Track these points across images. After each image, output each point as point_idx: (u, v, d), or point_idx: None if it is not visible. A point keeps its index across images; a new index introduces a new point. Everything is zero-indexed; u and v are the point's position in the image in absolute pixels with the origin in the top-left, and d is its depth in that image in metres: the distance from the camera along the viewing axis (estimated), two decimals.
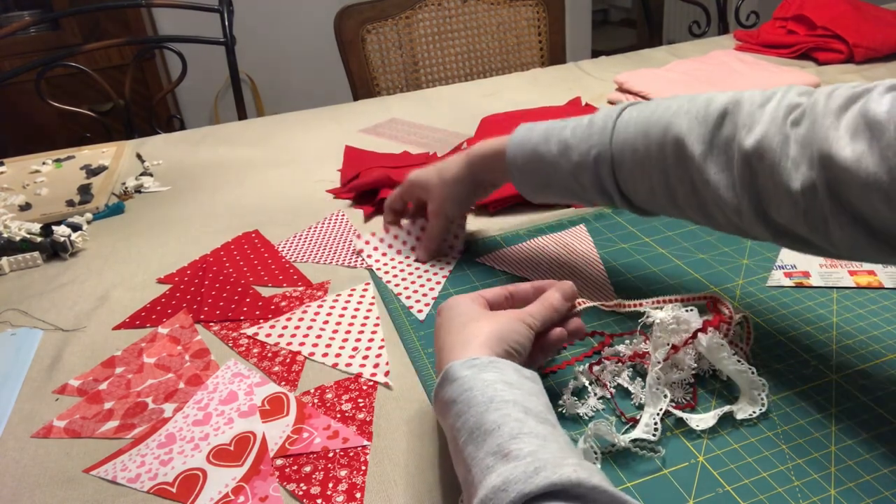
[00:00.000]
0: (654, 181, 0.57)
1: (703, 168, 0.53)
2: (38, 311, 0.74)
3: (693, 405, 0.54)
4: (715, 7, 1.77)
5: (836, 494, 0.46)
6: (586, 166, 0.61)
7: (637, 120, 0.58)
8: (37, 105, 1.46)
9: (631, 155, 0.58)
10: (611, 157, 0.59)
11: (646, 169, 0.57)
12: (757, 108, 0.51)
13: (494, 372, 0.46)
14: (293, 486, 0.50)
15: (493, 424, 0.41)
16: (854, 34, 1.28)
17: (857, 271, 0.68)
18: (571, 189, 0.64)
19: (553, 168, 0.63)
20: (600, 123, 0.61)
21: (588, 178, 0.61)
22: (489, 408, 0.43)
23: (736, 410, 0.53)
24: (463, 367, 0.46)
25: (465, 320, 0.52)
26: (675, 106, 0.56)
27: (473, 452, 0.41)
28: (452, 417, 0.44)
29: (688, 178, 0.55)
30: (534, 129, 0.65)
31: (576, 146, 0.61)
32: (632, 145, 0.58)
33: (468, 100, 1.29)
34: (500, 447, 0.40)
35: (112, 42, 1.45)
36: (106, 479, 0.52)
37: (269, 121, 1.28)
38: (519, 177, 0.67)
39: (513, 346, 0.50)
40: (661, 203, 0.59)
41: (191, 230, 0.89)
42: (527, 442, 0.40)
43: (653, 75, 1.22)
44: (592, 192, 0.62)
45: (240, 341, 0.67)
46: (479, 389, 0.44)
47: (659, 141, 0.56)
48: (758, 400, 0.53)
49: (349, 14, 1.46)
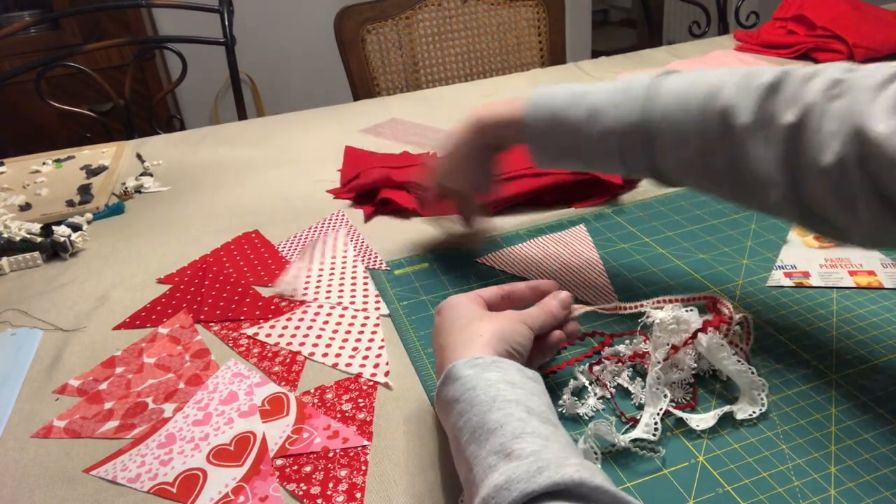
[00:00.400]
0: (691, 152, 0.56)
1: (747, 140, 0.52)
2: (38, 311, 0.74)
3: (693, 405, 0.54)
4: (715, 7, 1.77)
5: (836, 494, 0.46)
6: (618, 133, 0.59)
7: (677, 89, 0.57)
8: (37, 105, 1.46)
9: (669, 124, 0.56)
10: (646, 126, 0.58)
11: (684, 139, 0.56)
12: (801, 84, 0.51)
13: (497, 371, 0.46)
14: (293, 486, 0.50)
15: (495, 424, 0.41)
16: (854, 34, 1.28)
17: (857, 271, 0.68)
18: (593, 156, 0.62)
19: (577, 133, 0.61)
20: (636, 90, 0.59)
21: (617, 145, 0.59)
22: (492, 407, 0.42)
23: (736, 410, 0.53)
24: (466, 366, 0.46)
25: (465, 320, 0.52)
26: (718, 76, 0.55)
27: (475, 451, 0.41)
28: (455, 416, 0.44)
29: (727, 151, 0.54)
30: (556, 93, 0.63)
31: (607, 112, 0.59)
32: (671, 114, 0.56)
33: (468, 100, 1.29)
34: (502, 446, 0.40)
35: (112, 42, 1.45)
36: (106, 479, 0.52)
37: (269, 121, 1.28)
38: (536, 142, 0.64)
39: (514, 347, 0.50)
40: (693, 175, 0.58)
41: (191, 230, 0.89)
42: (529, 441, 0.40)
43: None
44: (617, 160, 0.61)
45: (240, 341, 0.67)
46: (482, 389, 0.44)
47: (701, 110, 0.55)
48: (758, 400, 0.53)
49: (349, 14, 1.46)
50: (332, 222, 0.88)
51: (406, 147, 1.08)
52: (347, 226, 0.86)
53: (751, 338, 0.58)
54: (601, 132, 0.59)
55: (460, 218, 0.78)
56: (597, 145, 0.60)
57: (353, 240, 0.83)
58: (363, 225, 0.87)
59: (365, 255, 0.80)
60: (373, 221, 0.88)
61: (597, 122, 0.60)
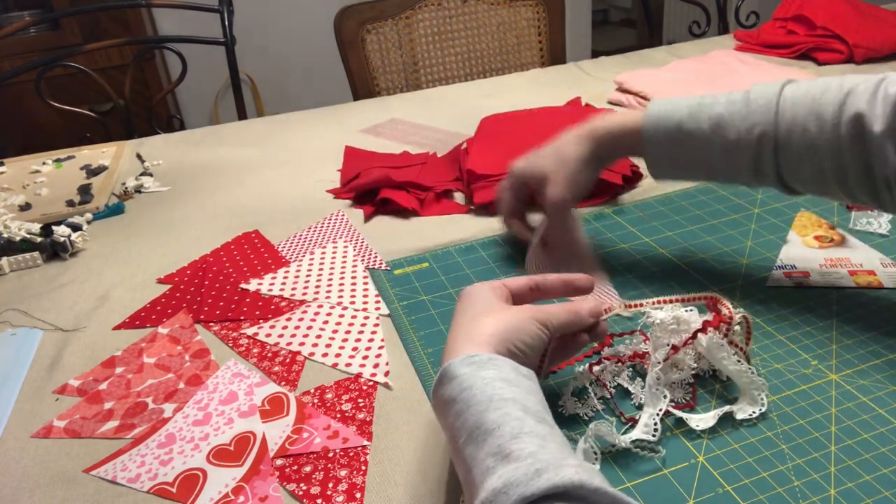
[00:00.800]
0: (824, 162, 0.57)
1: (884, 146, 0.54)
2: (38, 311, 0.74)
3: (693, 405, 0.54)
4: (715, 7, 1.77)
5: (836, 494, 0.46)
6: (746, 145, 0.60)
7: (803, 99, 0.58)
8: (37, 105, 1.46)
9: (801, 135, 0.57)
10: (775, 137, 0.59)
11: (817, 149, 0.57)
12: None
13: (493, 369, 0.45)
14: (293, 486, 0.50)
15: (493, 424, 0.41)
16: (854, 34, 1.28)
17: (857, 271, 0.68)
18: (718, 168, 0.63)
19: (702, 146, 0.62)
20: (762, 101, 0.59)
21: (745, 157, 0.60)
22: (489, 406, 0.42)
23: (736, 410, 0.53)
24: (461, 364, 0.45)
25: (476, 313, 0.50)
26: (840, 85, 0.57)
27: (474, 453, 0.41)
28: (452, 416, 0.44)
29: (863, 157, 0.55)
30: (675, 105, 0.64)
31: (732, 124, 0.60)
32: (801, 125, 0.57)
33: (468, 100, 1.29)
34: (500, 448, 0.39)
35: (112, 42, 1.45)
36: (106, 479, 0.52)
37: (269, 121, 1.28)
38: (657, 154, 0.65)
39: (517, 346, 0.48)
40: (828, 184, 0.59)
41: (191, 230, 0.89)
42: (527, 442, 0.40)
43: (653, 75, 1.22)
44: (745, 172, 0.61)
45: (240, 341, 0.67)
46: (479, 388, 0.43)
47: (834, 120, 0.56)
48: (758, 400, 0.53)
49: (349, 14, 1.46)
50: (332, 222, 0.88)
51: (406, 147, 1.08)
52: (347, 226, 0.86)
53: (751, 338, 0.58)
54: (730, 144, 0.60)
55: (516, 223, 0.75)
56: (725, 157, 0.61)
57: (353, 240, 0.83)
58: (363, 225, 0.87)
59: (365, 255, 0.80)
60: (373, 221, 0.88)
61: (723, 133, 0.60)
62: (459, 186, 0.93)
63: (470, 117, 1.12)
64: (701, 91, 1.19)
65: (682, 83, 1.18)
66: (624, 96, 1.20)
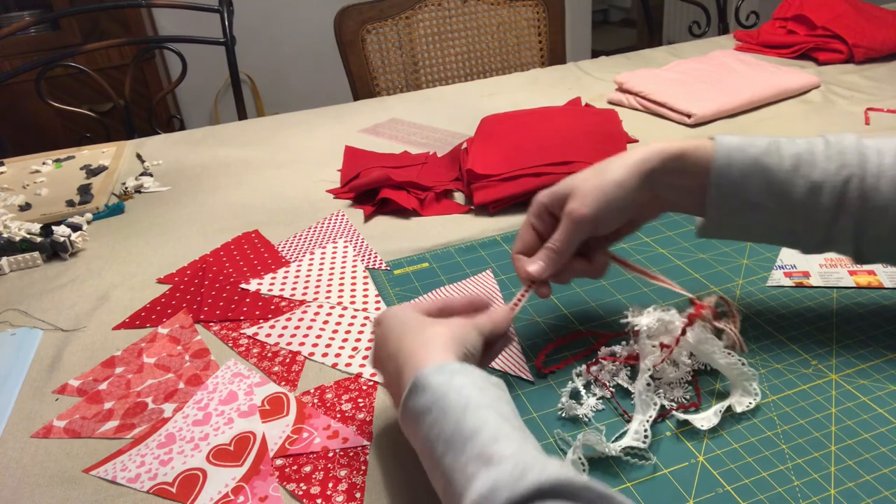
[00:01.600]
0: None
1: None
2: (38, 311, 0.74)
3: (698, 405, 0.54)
4: (715, 7, 1.77)
5: (836, 494, 0.46)
6: (833, 188, 0.53)
7: (888, 148, 0.54)
8: (37, 105, 1.46)
9: (890, 182, 0.52)
10: (863, 182, 0.53)
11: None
12: None
13: (465, 376, 0.44)
14: (293, 485, 0.50)
15: (471, 430, 0.40)
16: (854, 34, 1.28)
17: (857, 271, 0.68)
18: (793, 213, 0.55)
19: (781, 186, 0.54)
20: (846, 145, 0.54)
21: (829, 202, 0.53)
22: (465, 414, 0.41)
23: (733, 404, 0.53)
24: (434, 373, 0.44)
25: (415, 324, 0.49)
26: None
27: (453, 462, 0.39)
28: (426, 427, 0.42)
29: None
30: (749, 139, 0.56)
31: (816, 164, 0.54)
32: (891, 170, 0.52)
33: (468, 100, 1.29)
34: (481, 452, 0.39)
35: (112, 42, 1.45)
36: (106, 479, 0.52)
37: (269, 121, 1.28)
38: (724, 197, 0.55)
39: (469, 349, 0.48)
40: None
41: (191, 230, 0.89)
42: (507, 444, 0.39)
43: (653, 75, 1.22)
44: (822, 220, 0.54)
45: (240, 341, 0.67)
46: (454, 396, 0.42)
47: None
48: (751, 390, 0.53)
49: (349, 14, 1.46)
50: (332, 222, 0.88)
51: (406, 147, 1.08)
52: (347, 226, 0.86)
53: (738, 318, 0.56)
54: (810, 187, 0.54)
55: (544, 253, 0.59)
56: (801, 202, 0.54)
57: (352, 240, 0.83)
58: (363, 225, 0.87)
59: (365, 255, 0.80)
60: (373, 221, 0.88)
61: (804, 174, 0.54)
62: (459, 186, 0.93)
63: (470, 117, 1.12)
64: (701, 90, 1.19)
65: (682, 83, 1.18)
66: (624, 96, 1.20)
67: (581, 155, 0.88)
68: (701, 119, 1.08)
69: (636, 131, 1.06)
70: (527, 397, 0.57)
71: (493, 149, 0.94)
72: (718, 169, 0.55)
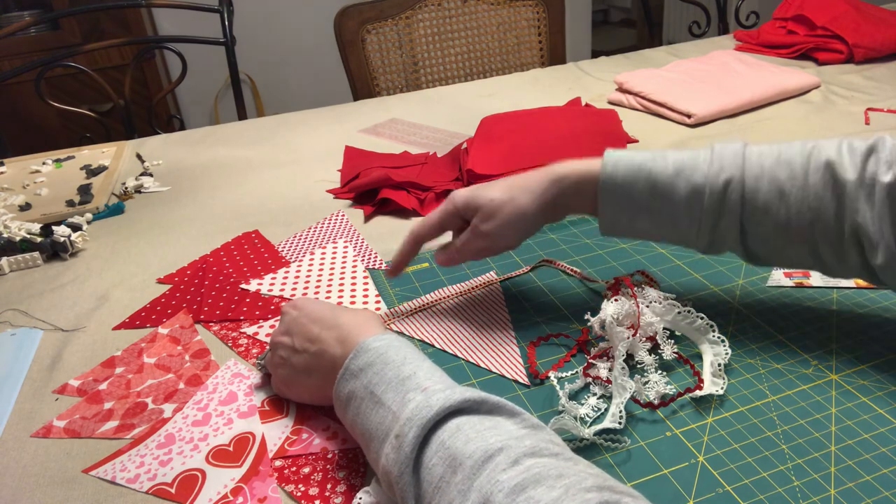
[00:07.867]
0: (791, 210, 0.55)
1: (855, 195, 0.53)
2: (38, 311, 0.74)
3: (702, 387, 0.55)
4: (715, 7, 1.77)
5: (836, 494, 0.46)
6: (712, 190, 0.56)
7: (769, 151, 0.57)
8: (37, 105, 1.46)
9: (769, 182, 0.55)
10: (743, 185, 0.56)
11: (785, 196, 0.55)
12: None
13: (400, 342, 0.51)
14: (292, 486, 0.50)
15: (409, 372, 0.47)
16: (854, 34, 1.28)
17: None
18: (675, 217, 0.58)
19: (662, 190, 0.58)
20: (727, 152, 0.57)
21: (710, 204, 0.57)
22: (404, 364, 0.48)
23: (712, 360, 0.57)
24: (375, 340, 0.50)
25: (334, 308, 0.57)
26: (808, 141, 0.57)
27: (394, 396, 0.45)
28: (369, 377, 0.48)
29: (834, 205, 0.54)
30: (635, 151, 0.61)
31: (698, 168, 0.57)
32: (770, 172, 0.56)
33: (468, 100, 1.29)
34: (418, 385, 0.45)
35: (112, 42, 1.45)
36: (105, 479, 0.52)
37: (269, 121, 1.28)
38: (611, 198, 0.60)
39: None
40: (791, 236, 0.56)
41: (191, 230, 0.89)
42: (440, 381, 0.46)
43: (653, 75, 1.22)
44: (705, 223, 0.57)
45: (239, 341, 0.67)
46: (393, 353, 0.49)
47: (803, 168, 0.55)
48: (716, 340, 0.58)
49: (349, 14, 1.46)
50: (332, 222, 0.88)
51: (406, 147, 1.08)
52: (347, 226, 0.86)
53: (654, 281, 0.65)
54: (691, 189, 0.57)
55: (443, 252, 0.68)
56: (684, 203, 0.58)
57: (352, 240, 0.83)
58: (363, 225, 0.87)
59: (365, 256, 0.80)
60: (373, 221, 0.88)
61: (685, 177, 0.57)
62: (459, 186, 0.93)
63: (470, 117, 1.12)
64: (701, 91, 1.19)
65: (682, 83, 1.18)
66: (624, 96, 1.20)
67: (581, 155, 0.88)
68: (701, 119, 1.08)
69: (636, 131, 1.06)
70: (527, 397, 0.57)
71: (493, 149, 0.94)
72: (605, 173, 0.60)
